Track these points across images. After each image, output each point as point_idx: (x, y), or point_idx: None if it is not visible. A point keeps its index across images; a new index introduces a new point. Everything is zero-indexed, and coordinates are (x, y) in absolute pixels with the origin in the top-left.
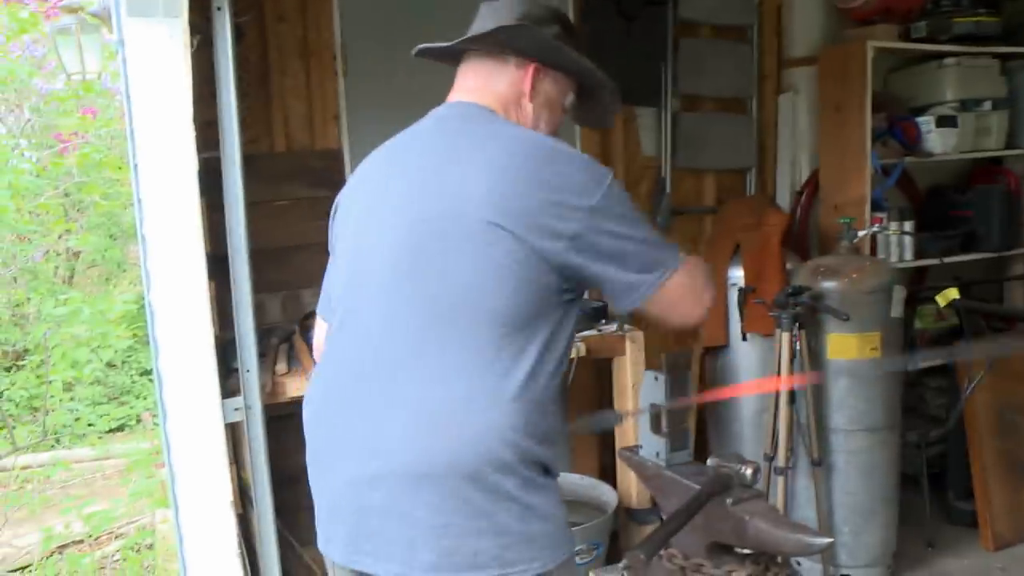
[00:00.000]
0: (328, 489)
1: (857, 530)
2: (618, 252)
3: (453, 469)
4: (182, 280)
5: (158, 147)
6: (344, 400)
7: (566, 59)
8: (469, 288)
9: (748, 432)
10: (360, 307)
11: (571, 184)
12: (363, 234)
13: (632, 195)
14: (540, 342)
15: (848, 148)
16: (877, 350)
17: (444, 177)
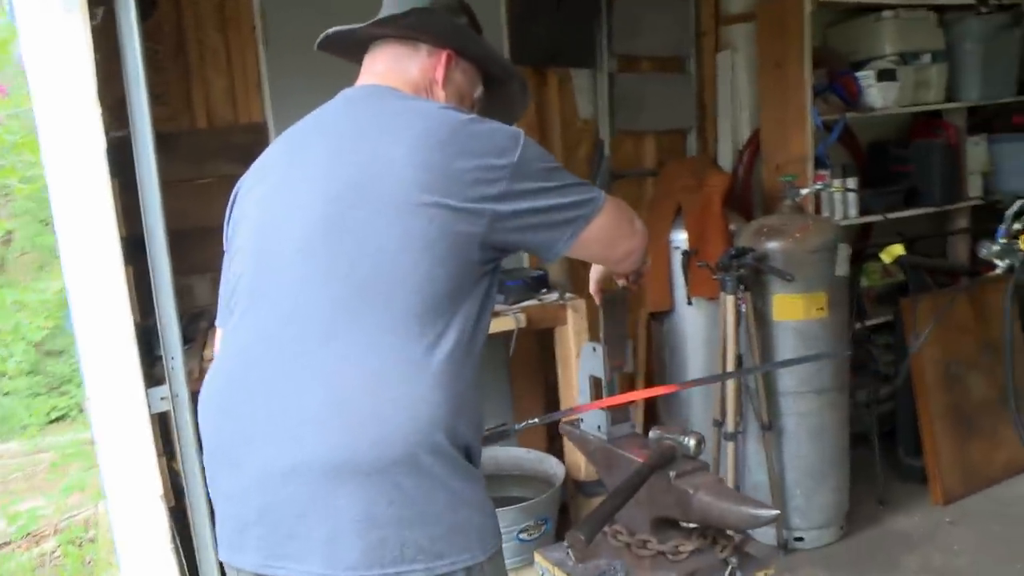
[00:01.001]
0: (234, 490)
1: (809, 492)
2: (544, 205)
3: (380, 452)
4: (97, 265)
5: (63, 127)
6: (250, 389)
7: (479, 48)
8: (389, 261)
9: (697, 398)
10: (268, 290)
11: (489, 146)
12: (269, 216)
13: (570, 159)
14: (464, 317)
15: (788, 105)
16: (824, 310)
17: (360, 150)
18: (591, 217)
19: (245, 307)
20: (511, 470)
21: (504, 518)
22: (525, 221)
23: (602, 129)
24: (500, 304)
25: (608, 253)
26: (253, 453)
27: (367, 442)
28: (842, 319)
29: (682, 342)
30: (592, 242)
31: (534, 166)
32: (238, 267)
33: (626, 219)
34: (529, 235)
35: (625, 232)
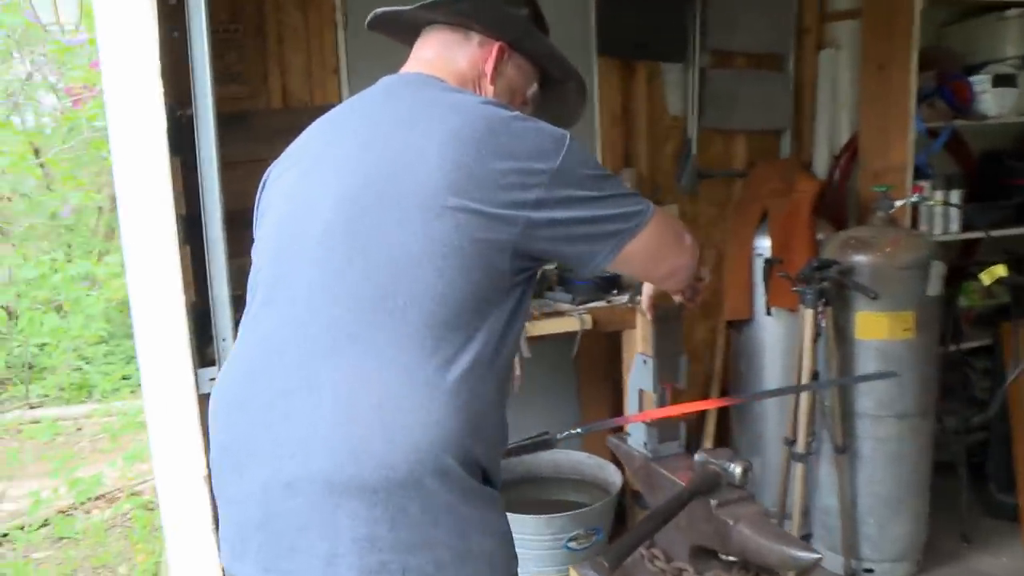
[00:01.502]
0: (238, 494)
1: (883, 522)
2: (585, 216)
3: (385, 473)
4: (154, 243)
5: (127, 104)
6: (257, 394)
7: (536, 43)
8: (408, 269)
9: (772, 412)
10: (284, 288)
11: (530, 148)
12: (292, 208)
13: (656, 156)
14: (488, 332)
15: (890, 110)
16: (911, 331)
17: (391, 143)
18: (636, 231)
19: (260, 305)
20: (570, 474)
21: (552, 525)
22: (563, 231)
23: (690, 126)
24: (566, 303)
25: (653, 269)
26: (258, 461)
27: (373, 462)
28: (931, 341)
29: (759, 353)
30: (635, 257)
31: (578, 172)
32: (259, 259)
33: (674, 234)
34: (566, 246)
35: (672, 248)
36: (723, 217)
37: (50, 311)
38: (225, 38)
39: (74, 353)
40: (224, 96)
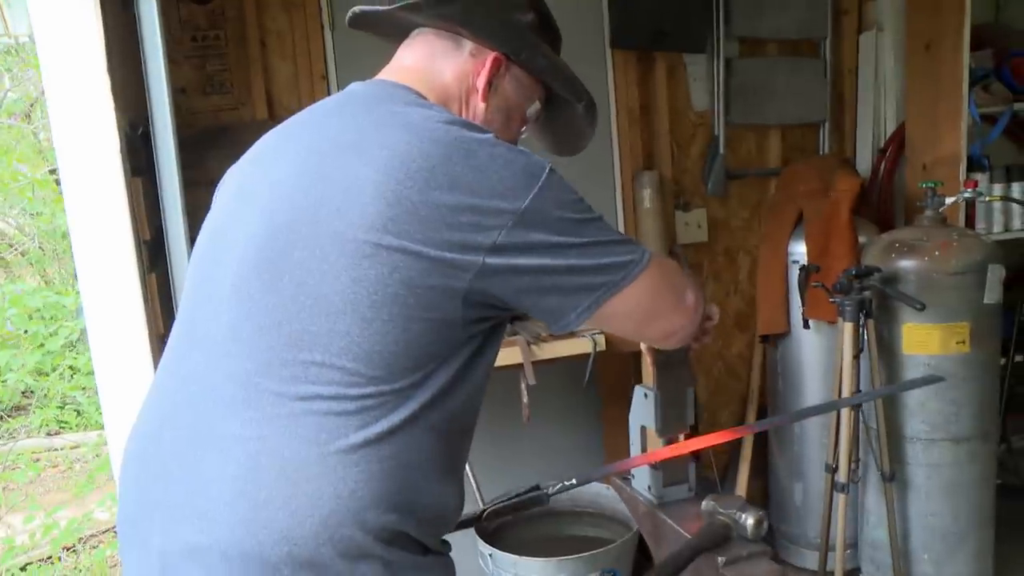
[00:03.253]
0: (135, 559)
1: (940, 559)
2: (556, 265)
3: (288, 549)
4: (112, 272)
5: (76, 121)
6: (161, 453)
7: (540, 56)
8: (332, 315)
9: (813, 434)
10: (200, 316)
11: (493, 183)
12: (219, 231)
13: (682, 157)
14: (429, 389)
15: (940, 95)
16: (965, 343)
17: (328, 168)
18: (621, 285)
19: (172, 351)
20: (587, 507)
21: (563, 569)
22: (527, 281)
23: (716, 123)
24: None
25: (643, 330)
26: (156, 526)
27: (274, 536)
28: (990, 354)
29: (797, 370)
30: (620, 316)
31: (552, 214)
32: (186, 290)
33: (672, 290)
34: (532, 298)
35: (666, 307)
36: (756, 220)
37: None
38: (205, 46)
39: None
40: (207, 108)
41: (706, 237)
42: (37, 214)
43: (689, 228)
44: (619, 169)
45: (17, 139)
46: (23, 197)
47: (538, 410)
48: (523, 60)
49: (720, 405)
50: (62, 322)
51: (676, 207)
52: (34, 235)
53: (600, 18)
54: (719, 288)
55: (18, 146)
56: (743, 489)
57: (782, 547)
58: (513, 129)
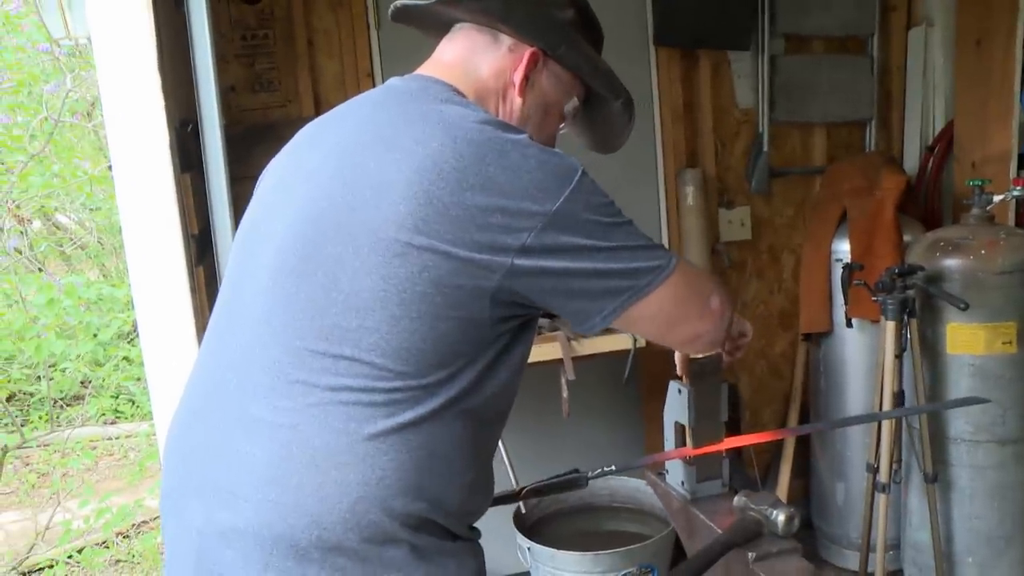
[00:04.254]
0: (175, 535)
1: (985, 563)
2: (584, 268)
3: (318, 534)
4: (162, 265)
5: (129, 118)
6: (200, 435)
7: (578, 53)
8: (362, 310)
9: (856, 434)
10: (238, 308)
11: (525, 184)
12: (259, 220)
13: (725, 155)
14: (456, 386)
15: (990, 91)
16: (1012, 344)
17: (362, 163)
18: (647, 290)
19: (213, 334)
20: (626, 502)
21: (601, 563)
22: (555, 283)
23: (760, 120)
24: None
25: (666, 334)
26: (194, 505)
27: (304, 520)
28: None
29: (840, 369)
30: (645, 320)
31: (581, 217)
32: (226, 279)
33: (697, 296)
34: (556, 300)
35: (692, 312)
36: (801, 219)
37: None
38: (254, 45)
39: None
40: (255, 106)
41: (750, 235)
42: (95, 209)
43: (732, 226)
44: (662, 166)
45: (79, 137)
46: (82, 192)
47: (578, 406)
48: (560, 56)
49: (763, 403)
50: (115, 314)
51: (720, 205)
52: (92, 229)
53: (644, 16)
54: (762, 286)
55: (80, 144)
56: (784, 488)
57: (823, 547)
58: (551, 125)
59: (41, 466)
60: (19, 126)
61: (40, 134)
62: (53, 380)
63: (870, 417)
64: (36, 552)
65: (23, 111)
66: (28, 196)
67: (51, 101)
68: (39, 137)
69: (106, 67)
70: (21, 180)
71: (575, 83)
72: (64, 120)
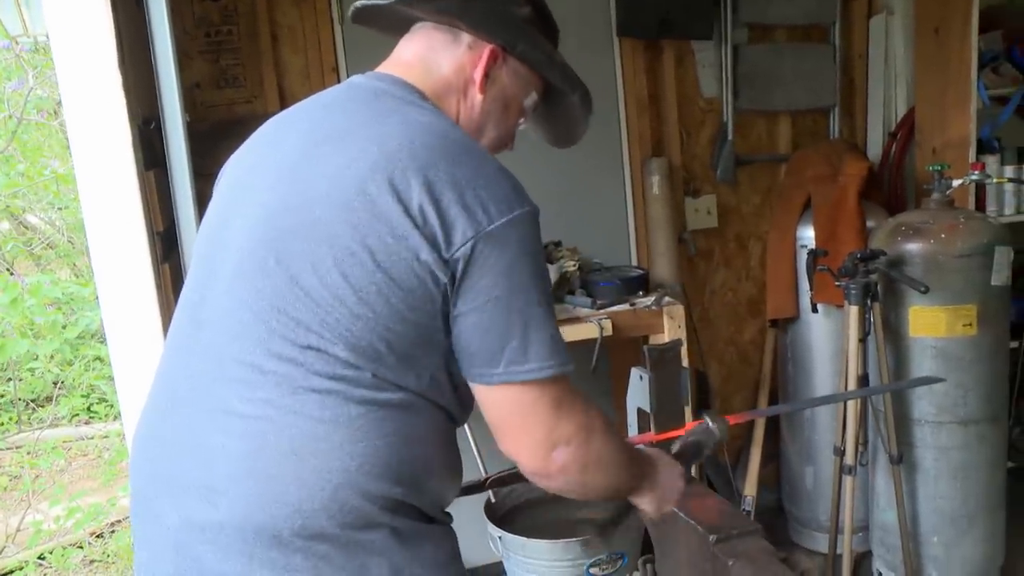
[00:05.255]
0: (149, 536)
1: (949, 542)
2: (488, 307)
3: (301, 521)
4: (127, 264)
5: (90, 116)
6: (173, 431)
7: (536, 48)
8: (322, 307)
9: (824, 418)
10: (205, 299)
11: (475, 193)
12: (224, 217)
13: (691, 144)
14: (422, 375)
15: (949, 78)
16: (972, 326)
17: (321, 159)
18: (504, 381)
19: (178, 334)
20: None
21: (571, 551)
22: (460, 310)
23: (725, 109)
24: (586, 308)
25: (496, 430)
26: (170, 504)
27: (287, 510)
28: (998, 336)
29: (807, 354)
30: (486, 404)
31: (509, 253)
32: (189, 275)
33: (552, 429)
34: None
35: (525, 435)
36: (767, 206)
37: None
38: (218, 41)
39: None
40: (221, 102)
41: (716, 223)
42: (63, 208)
43: (699, 214)
44: (628, 156)
45: (46, 136)
46: (48, 191)
47: None
48: (519, 52)
49: (733, 391)
50: (82, 312)
51: (686, 193)
52: (62, 228)
53: (607, 7)
54: (730, 274)
55: (47, 142)
56: (755, 473)
57: (794, 530)
58: (511, 120)
59: (13, 468)
60: None
61: (3, 133)
62: (22, 381)
63: (829, 399)
64: (7, 555)
65: None
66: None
67: (14, 99)
68: (2, 136)
69: (66, 65)
70: None
71: (534, 78)
72: (28, 118)
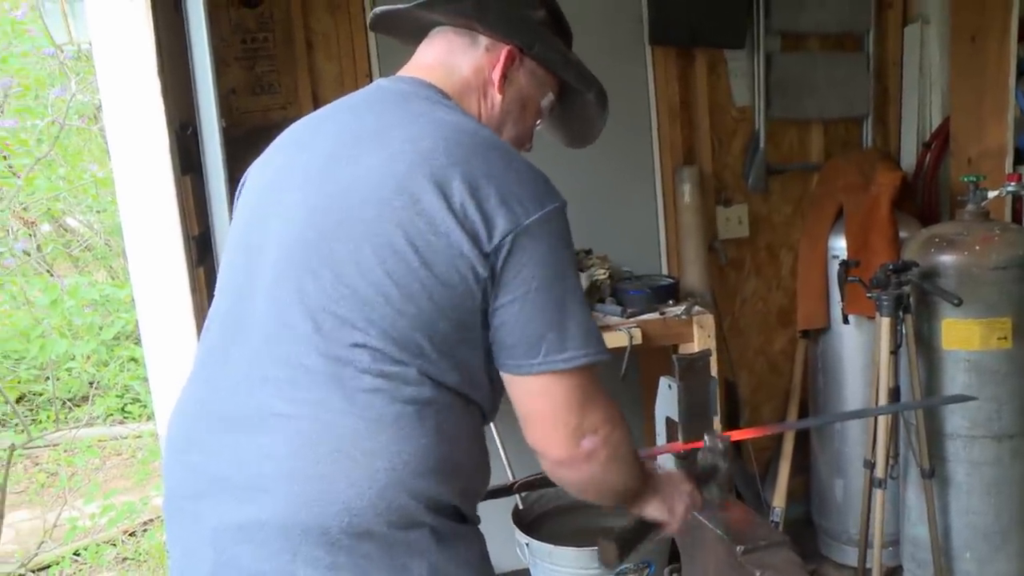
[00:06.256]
0: (186, 536)
1: (982, 558)
2: (528, 299)
3: (348, 519)
4: (163, 267)
5: (129, 121)
6: (212, 422)
7: (552, 49)
8: (367, 304)
9: (854, 430)
10: (243, 302)
11: (510, 187)
12: (257, 220)
13: (723, 153)
14: (463, 366)
15: (985, 87)
16: (1007, 339)
17: (355, 160)
18: (543, 370)
19: (214, 334)
20: None
21: (597, 558)
22: (517, 291)
23: (757, 117)
24: (615, 317)
25: (524, 420)
26: (206, 503)
27: (335, 507)
28: None
29: (838, 366)
30: (518, 393)
31: (542, 247)
32: (220, 281)
33: (581, 418)
34: (492, 324)
35: (556, 425)
36: (799, 216)
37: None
38: (254, 48)
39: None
40: (256, 108)
41: (747, 232)
42: (102, 211)
43: (730, 223)
44: (659, 165)
45: (86, 140)
46: (87, 195)
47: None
48: (536, 53)
49: (762, 401)
50: (117, 314)
51: (717, 202)
52: (100, 231)
53: (639, 15)
54: (761, 284)
55: (87, 147)
56: (784, 485)
57: (823, 543)
58: (529, 120)
59: (50, 466)
60: (26, 130)
61: (46, 137)
62: (60, 380)
63: (858, 413)
64: (44, 550)
65: (30, 115)
66: (35, 199)
67: (57, 105)
68: (45, 140)
69: (107, 71)
70: (27, 184)
71: (550, 79)
72: (70, 124)
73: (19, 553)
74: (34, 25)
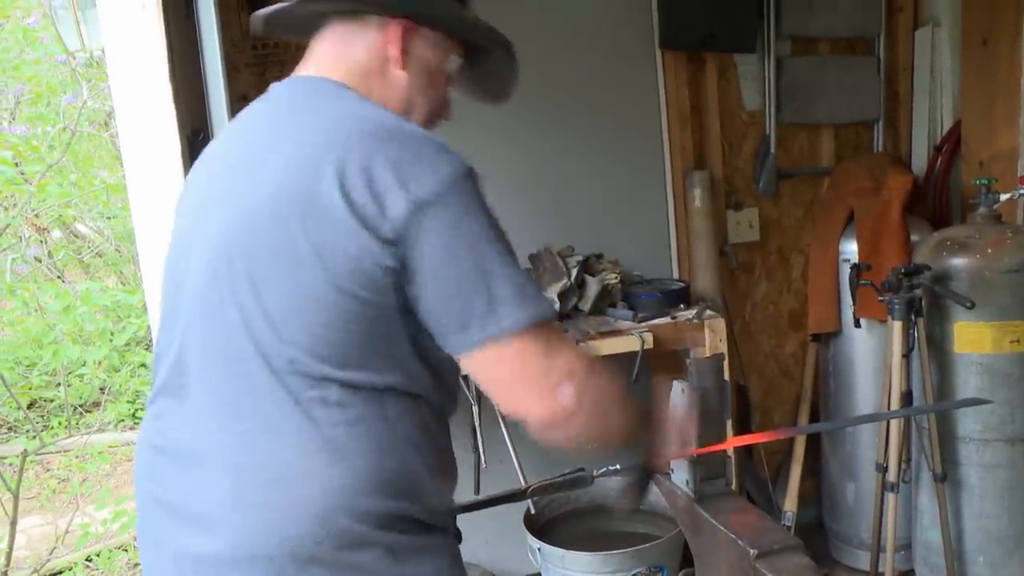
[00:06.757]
0: (152, 562)
1: (996, 562)
2: (444, 276)
3: (290, 548)
4: None
5: (141, 127)
6: (166, 452)
7: (444, 12)
8: (282, 323)
9: (865, 433)
10: (175, 331)
11: (404, 167)
12: (185, 244)
13: (733, 157)
14: (392, 377)
15: (997, 89)
16: (1020, 342)
17: (258, 171)
18: (490, 338)
19: (165, 367)
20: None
21: (610, 563)
22: (416, 287)
23: (767, 121)
24: (627, 321)
25: (492, 393)
26: (168, 533)
27: (276, 538)
28: None
29: (849, 369)
30: (475, 367)
31: (453, 218)
32: (161, 309)
33: (548, 373)
34: (420, 309)
35: (528, 390)
36: (810, 220)
37: (76, 342)
38: (265, 54)
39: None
40: None
41: (758, 236)
42: (112, 217)
43: (741, 227)
44: (670, 169)
45: (96, 146)
46: (98, 201)
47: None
48: (428, 20)
49: (774, 404)
50: (128, 320)
51: (728, 206)
52: (110, 237)
53: (649, 19)
54: (772, 287)
55: (97, 153)
56: (795, 489)
57: (835, 547)
58: (440, 90)
59: (62, 471)
60: (38, 137)
61: (58, 144)
62: (71, 386)
63: (870, 417)
64: (56, 556)
65: (42, 122)
66: (46, 205)
67: (68, 112)
68: (57, 147)
69: (119, 77)
70: (39, 190)
71: (450, 43)
72: (81, 130)
73: (31, 559)
74: (47, 32)
